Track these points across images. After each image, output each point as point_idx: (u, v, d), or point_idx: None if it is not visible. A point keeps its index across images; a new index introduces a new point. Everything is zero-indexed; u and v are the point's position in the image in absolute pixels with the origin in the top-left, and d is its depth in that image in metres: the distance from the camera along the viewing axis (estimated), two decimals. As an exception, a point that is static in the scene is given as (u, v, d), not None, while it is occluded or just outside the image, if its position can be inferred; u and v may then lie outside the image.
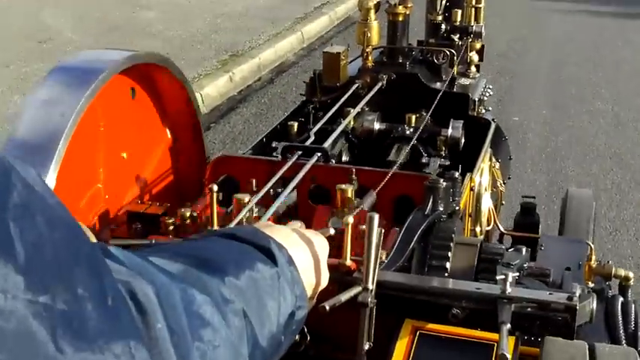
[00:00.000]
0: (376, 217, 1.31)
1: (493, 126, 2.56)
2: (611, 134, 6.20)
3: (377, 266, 1.34)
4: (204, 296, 0.76)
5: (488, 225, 2.52)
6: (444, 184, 1.81)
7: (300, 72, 7.62)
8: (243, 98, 7.08)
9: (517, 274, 1.55)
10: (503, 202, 3.00)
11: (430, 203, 1.79)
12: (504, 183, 2.89)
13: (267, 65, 7.89)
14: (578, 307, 1.42)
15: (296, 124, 2.37)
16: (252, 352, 0.83)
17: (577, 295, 1.44)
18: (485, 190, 2.52)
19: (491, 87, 2.81)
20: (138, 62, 1.95)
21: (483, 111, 2.74)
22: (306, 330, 1.51)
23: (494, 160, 2.72)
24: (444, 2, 2.72)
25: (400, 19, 2.63)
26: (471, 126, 2.49)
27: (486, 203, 2.53)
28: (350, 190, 1.77)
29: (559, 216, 3.28)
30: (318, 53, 6.49)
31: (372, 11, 2.53)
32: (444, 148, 2.38)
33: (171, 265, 0.78)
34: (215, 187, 1.66)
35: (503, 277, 1.48)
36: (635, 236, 4.61)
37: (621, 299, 1.92)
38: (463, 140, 2.43)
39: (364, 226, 1.30)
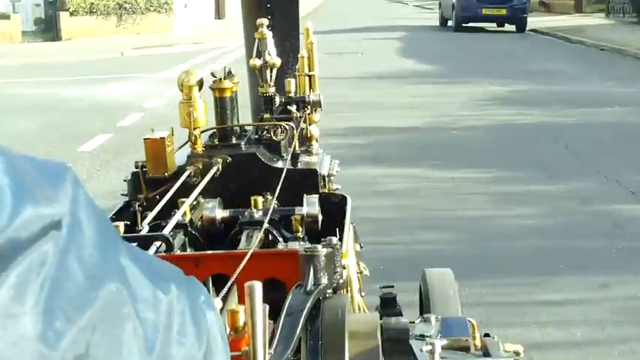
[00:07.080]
0: (258, 286, 0.98)
1: (350, 201, 2.25)
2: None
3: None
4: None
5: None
6: (324, 250, 1.45)
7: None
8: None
9: (445, 341, 1.21)
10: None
11: (311, 277, 1.42)
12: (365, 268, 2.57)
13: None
14: None
15: (122, 225, 1.95)
16: None
17: None
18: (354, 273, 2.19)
19: (337, 162, 2.52)
20: None
21: (334, 187, 2.43)
22: None
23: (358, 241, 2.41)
24: (273, 73, 2.43)
25: (228, 94, 2.31)
26: (325, 204, 2.17)
27: (355, 288, 2.20)
28: None
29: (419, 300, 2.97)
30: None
31: (196, 89, 2.19)
32: (300, 229, 2.04)
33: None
34: None
35: (429, 347, 1.14)
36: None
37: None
38: (321, 217, 2.10)
39: None
